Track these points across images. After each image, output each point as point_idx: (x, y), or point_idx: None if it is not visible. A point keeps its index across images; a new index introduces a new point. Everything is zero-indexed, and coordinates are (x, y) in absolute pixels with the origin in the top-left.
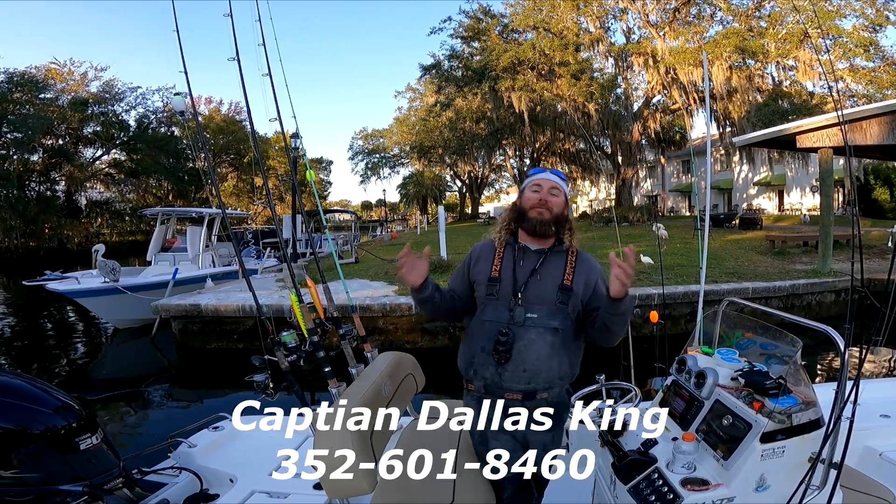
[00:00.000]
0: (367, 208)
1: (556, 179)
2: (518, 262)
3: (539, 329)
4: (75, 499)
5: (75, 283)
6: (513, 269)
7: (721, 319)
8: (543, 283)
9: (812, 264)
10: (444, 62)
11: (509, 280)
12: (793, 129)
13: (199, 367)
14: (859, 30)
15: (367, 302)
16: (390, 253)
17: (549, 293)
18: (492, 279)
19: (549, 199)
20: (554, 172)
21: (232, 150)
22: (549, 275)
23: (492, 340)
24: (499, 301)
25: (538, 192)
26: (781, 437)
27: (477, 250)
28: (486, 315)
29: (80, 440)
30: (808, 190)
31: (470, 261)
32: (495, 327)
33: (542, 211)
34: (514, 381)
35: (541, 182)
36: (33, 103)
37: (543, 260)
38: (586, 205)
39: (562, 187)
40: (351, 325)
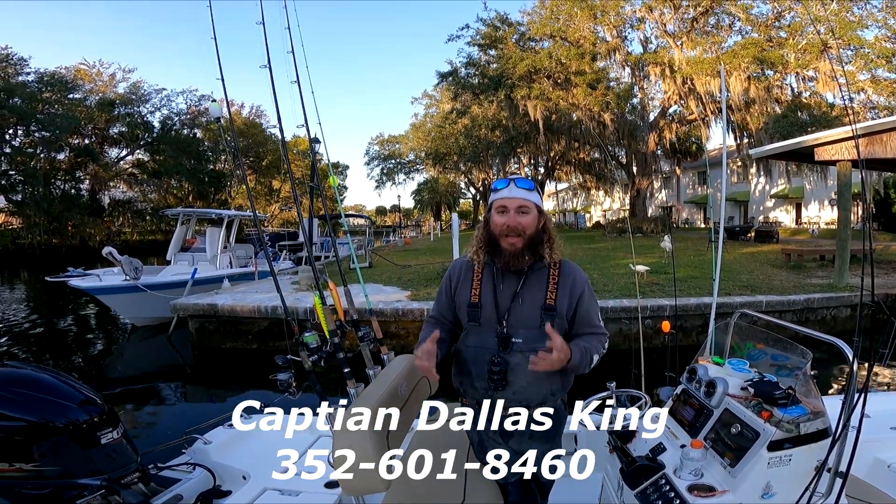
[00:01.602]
0: (381, 213)
1: (523, 194)
2: (498, 285)
3: (525, 353)
4: (92, 492)
5: (97, 281)
6: (493, 293)
7: (733, 330)
8: (525, 306)
9: (828, 279)
10: (461, 69)
11: (491, 306)
12: (810, 142)
13: (214, 365)
14: (881, 41)
15: (380, 306)
16: (404, 258)
17: (533, 316)
18: (472, 304)
19: (518, 223)
20: (521, 184)
21: (251, 152)
22: (531, 296)
23: (482, 367)
24: (481, 328)
25: (504, 214)
26: (789, 445)
27: (456, 271)
28: (470, 341)
29: (102, 434)
30: (826, 203)
31: (450, 282)
32: (483, 354)
33: (513, 241)
34: (507, 401)
35: (505, 203)
36: (62, 103)
37: (524, 281)
38: (600, 215)
39: (531, 201)
40: (369, 328)
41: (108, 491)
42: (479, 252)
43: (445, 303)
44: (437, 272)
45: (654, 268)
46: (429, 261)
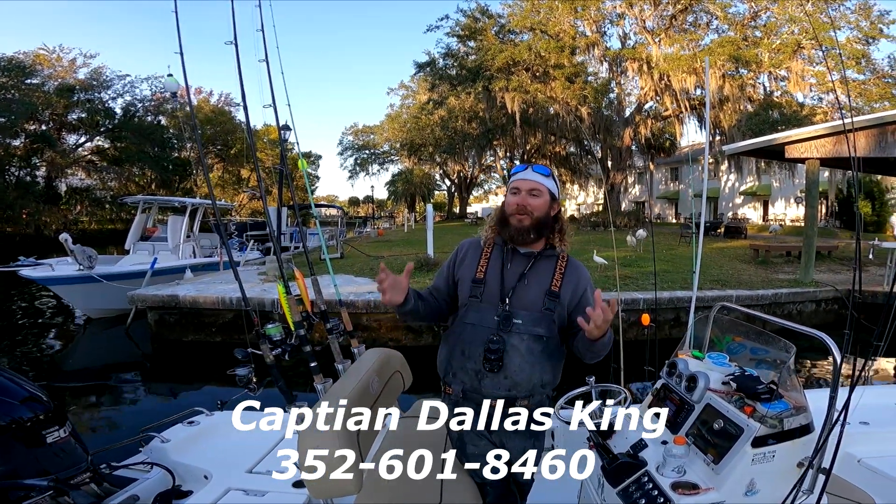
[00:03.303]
0: (354, 204)
1: (537, 178)
2: (506, 264)
3: (523, 335)
4: (40, 493)
5: (49, 270)
6: (500, 271)
7: (712, 324)
8: (531, 288)
9: (794, 274)
10: (439, 60)
11: (496, 283)
12: (781, 140)
13: (174, 359)
14: (853, 42)
15: (350, 298)
16: (377, 249)
17: (536, 299)
18: (476, 280)
19: (528, 203)
20: (537, 169)
21: (219, 140)
22: (536, 280)
23: (476, 345)
24: (482, 304)
25: (517, 195)
26: (772, 441)
27: (464, 248)
28: (469, 318)
29: (47, 433)
30: (792, 201)
31: (456, 257)
32: (481, 333)
33: (521, 218)
34: (495, 388)
35: (519, 185)
36: (19, 88)
37: (532, 264)
38: (574, 209)
39: (544, 186)
40: (338, 320)
41: (57, 492)
42: (491, 230)
43: (444, 277)
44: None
45: (624, 262)
46: (402, 252)
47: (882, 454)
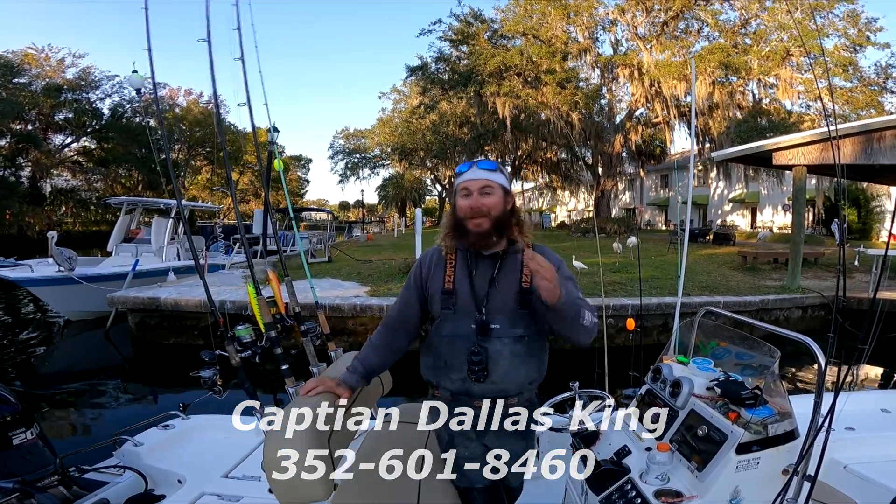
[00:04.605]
0: (344, 208)
1: (485, 175)
2: (473, 271)
3: (504, 339)
4: (5, 495)
5: (28, 271)
6: (468, 279)
7: (697, 329)
8: (502, 290)
9: (781, 280)
10: (431, 64)
11: (467, 292)
12: (769, 146)
13: (154, 363)
14: (840, 49)
15: (336, 302)
16: (365, 254)
17: (510, 300)
18: (446, 291)
19: (482, 204)
20: (483, 165)
21: (208, 143)
22: (506, 280)
23: (459, 357)
24: (456, 315)
25: (468, 196)
26: (757, 448)
27: (427, 260)
28: (445, 330)
29: (14, 435)
30: (780, 208)
31: (420, 271)
32: (460, 343)
33: (478, 222)
34: (484, 392)
35: (468, 185)
36: (5, 87)
37: (500, 266)
38: (565, 215)
39: (495, 182)
40: (315, 323)
41: (23, 494)
42: (447, 238)
43: (413, 298)
44: (399, 268)
45: (613, 268)
46: (391, 257)
47: (868, 460)
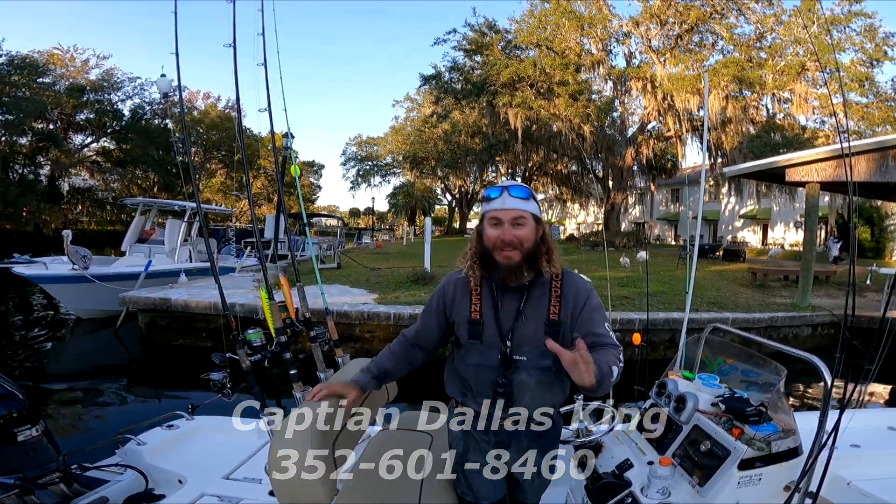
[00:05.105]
0: (354, 215)
1: (518, 205)
2: (499, 303)
3: (530, 371)
4: (5, 492)
5: (42, 269)
6: (494, 310)
7: (703, 345)
8: (529, 322)
9: (791, 298)
10: (445, 73)
11: (493, 324)
12: (782, 162)
13: (162, 363)
14: (857, 64)
15: (344, 308)
16: (374, 261)
17: (538, 332)
18: (473, 321)
19: (514, 236)
20: (514, 192)
21: (224, 146)
22: (534, 313)
23: (483, 385)
24: (483, 345)
25: (498, 227)
26: (759, 464)
27: (451, 287)
28: (471, 359)
29: (19, 431)
30: (791, 225)
31: (444, 297)
32: (485, 373)
33: (509, 255)
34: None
35: (499, 215)
36: (30, 87)
37: (527, 298)
38: (574, 227)
39: (527, 212)
40: (324, 329)
41: (23, 490)
42: (474, 267)
43: (433, 324)
44: (408, 277)
45: (621, 282)
46: (399, 265)
47: (872, 476)
